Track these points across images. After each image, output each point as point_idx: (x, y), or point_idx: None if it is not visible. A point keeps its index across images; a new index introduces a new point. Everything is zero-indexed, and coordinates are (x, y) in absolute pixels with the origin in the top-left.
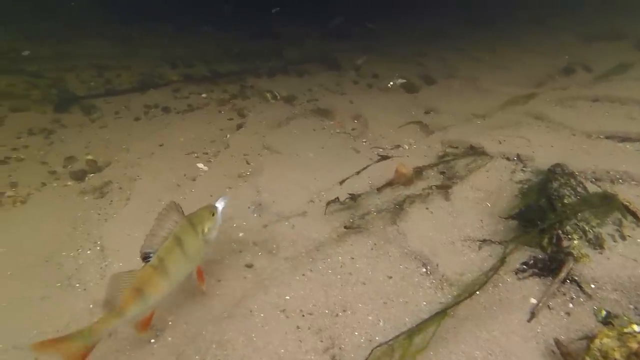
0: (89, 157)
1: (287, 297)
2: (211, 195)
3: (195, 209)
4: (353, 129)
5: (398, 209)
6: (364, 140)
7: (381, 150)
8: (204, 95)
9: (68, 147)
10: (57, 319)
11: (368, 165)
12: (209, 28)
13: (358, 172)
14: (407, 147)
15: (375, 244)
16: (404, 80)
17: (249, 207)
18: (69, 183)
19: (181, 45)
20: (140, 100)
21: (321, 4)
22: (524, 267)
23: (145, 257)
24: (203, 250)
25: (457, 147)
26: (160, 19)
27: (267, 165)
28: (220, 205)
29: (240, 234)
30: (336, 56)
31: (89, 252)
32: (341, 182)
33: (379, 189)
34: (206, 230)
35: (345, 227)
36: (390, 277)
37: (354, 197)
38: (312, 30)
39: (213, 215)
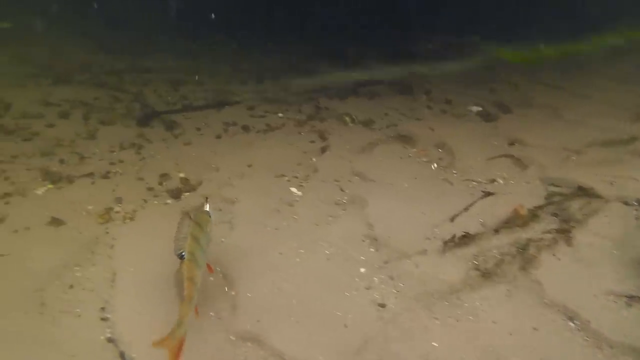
0: (181, 174)
1: (434, 344)
2: (317, 225)
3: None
4: (439, 159)
5: (522, 252)
6: (454, 171)
7: (475, 183)
8: (280, 114)
9: (159, 163)
10: (202, 347)
11: (474, 202)
12: (272, 45)
13: (466, 209)
14: (502, 182)
15: (509, 291)
16: (480, 108)
17: (363, 241)
18: (168, 201)
19: (247, 60)
20: (218, 117)
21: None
22: None
23: (180, 256)
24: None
25: (560, 186)
26: (223, 33)
27: (365, 194)
28: (209, 210)
29: (362, 269)
30: (404, 78)
31: (211, 279)
32: (452, 219)
33: (496, 230)
34: (208, 229)
35: (476, 270)
36: (537, 329)
37: (473, 237)
38: (372, 50)
39: (210, 217)
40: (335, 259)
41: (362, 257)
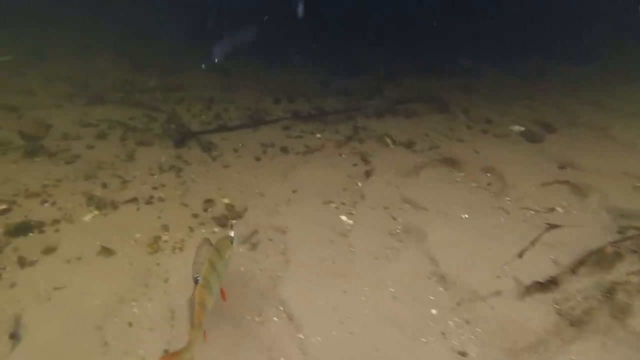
0: (226, 200)
1: None
2: (376, 258)
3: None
4: (489, 184)
5: (610, 297)
6: (507, 198)
7: (532, 212)
8: (318, 135)
9: (201, 187)
10: None
11: (540, 235)
12: (299, 61)
13: (532, 243)
14: (561, 211)
15: (605, 344)
16: (522, 128)
17: (429, 278)
18: (216, 229)
19: (276, 77)
20: (254, 137)
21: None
22: None
23: (196, 280)
24: (225, 272)
25: (632, 218)
26: (250, 51)
27: (419, 224)
28: (233, 235)
29: (433, 311)
30: (439, 96)
31: (275, 319)
32: (520, 255)
33: (573, 270)
34: (227, 256)
35: (559, 316)
36: None
37: (554, 280)
38: (405, 66)
39: (231, 243)
40: (403, 299)
41: (431, 297)
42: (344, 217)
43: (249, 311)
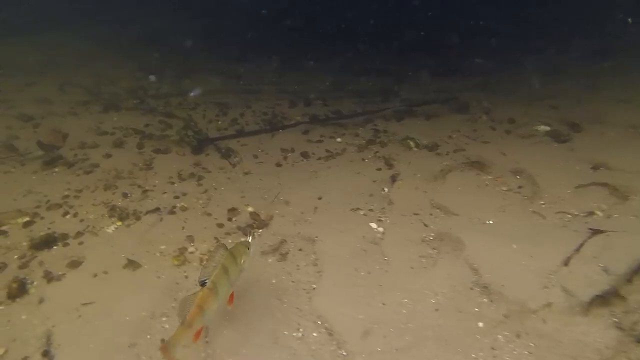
0: (250, 209)
1: None
2: (412, 268)
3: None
4: (520, 187)
5: None
6: (541, 202)
7: (570, 216)
8: (338, 139)
9: (224, 196)
10: None
11: (584, 242)
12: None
13: (577, 250)
14: (601, 215)
15: None
16: (548, 127)
17: (471, 289)
18: (242, 239)
19: (290, 80)
20: (273, 142)
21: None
22: None
23: (202, 283)
24: (239, 277)
25: None
26: (262, 55)
27: (453, 231)
28: (252, 242)
29: (480, 324)
30: (458, 96)
31: (315, 334)
32: (565, 263)
33: (629, 280)
34: (243, 261)
35: (621, 330)
36: None
37: (609, 291)
38: (420, 66)
39: (248, 249)
40: (446, 311)
41: (475, 309)
42: (373, 225)
43: (287, 326)
